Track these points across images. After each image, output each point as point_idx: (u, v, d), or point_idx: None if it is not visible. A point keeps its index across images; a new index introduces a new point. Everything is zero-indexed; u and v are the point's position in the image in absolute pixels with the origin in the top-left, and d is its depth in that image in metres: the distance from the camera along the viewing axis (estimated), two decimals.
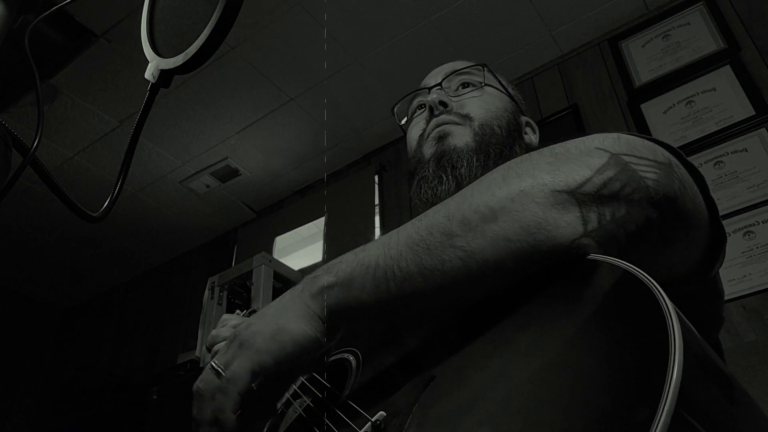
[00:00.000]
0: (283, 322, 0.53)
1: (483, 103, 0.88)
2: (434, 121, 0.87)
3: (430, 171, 0.82)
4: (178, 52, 0.52)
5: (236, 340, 0.54)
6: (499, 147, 0.83)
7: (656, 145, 0.53)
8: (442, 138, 0.84)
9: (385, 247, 0.52)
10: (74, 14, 2.22)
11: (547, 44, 2.50)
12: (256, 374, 0.51)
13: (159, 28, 0.57)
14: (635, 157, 0.49)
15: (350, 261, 0.54)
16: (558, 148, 0.51)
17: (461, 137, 0.83)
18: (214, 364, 0.53)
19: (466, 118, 0.86)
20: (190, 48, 0.50)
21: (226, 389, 0.51)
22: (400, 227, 0.54)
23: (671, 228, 0.49)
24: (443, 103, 0.88)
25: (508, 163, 0.52)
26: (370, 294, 0.51)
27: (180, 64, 0.51)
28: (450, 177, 0.79)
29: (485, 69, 0.93)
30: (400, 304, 0.51)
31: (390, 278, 0.50)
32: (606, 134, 0.52)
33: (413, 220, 0.53)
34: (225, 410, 0.51)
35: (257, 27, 2.35)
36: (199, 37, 0.50)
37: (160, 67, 0.53)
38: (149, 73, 0.54)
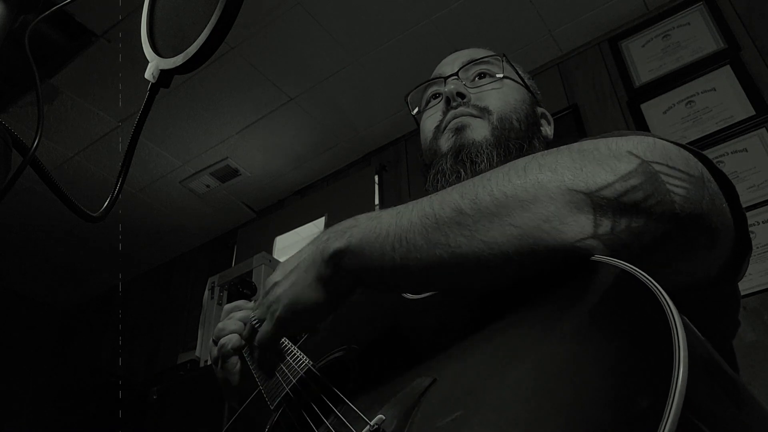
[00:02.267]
0: (298, 291, 0.60)
1: (502, 96, 0.86)
2: (452, 113, 0.84)
3: (448, 165, 0.80)
4: (178, 52, 0.52)
5: (267, 298, 0.64)
6: (518, 141, 0.81)
7: (690, 155, 0.50)
8: (459, 130, 0.82)
9: (398, 216, 0.52)
10: (74, 14, 2.23)
11: (547, 44, 2.50)
12: (279, 335, 0.65)
13: (159, 28, 0.57)
14: (667, 167, 0.46)
15: (363, 227, 0.55)
16: (587, 144, 0.49)
17: (479, 130, 0.81)
18: (252, 321, 0.69)
19: (485, 110, 0.83)
20: (190, 48, 0.50)
21: (262, 344, 0.66)
22: (417, 200, 0.54)
23: (692, 244, 0.47)
24: (461, 95, 0.85)
25: (534, 154, 0.50)
26: (376, 261, 0.52)
27: (180, 64, 0.51)
28: (469, 172, 0.77)
29: (504, 59, 0.90)
30: (403, 276, 0.51)
31: (396, 248, 0.50)
32: (642, 138, 0.49)
33: (431, 194, 0.53)
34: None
35: (257, 27, 2.35)
36: (199, 37, 0.50)
37: (160, 67, 0.53)
38: (149, 73, 0.54)
